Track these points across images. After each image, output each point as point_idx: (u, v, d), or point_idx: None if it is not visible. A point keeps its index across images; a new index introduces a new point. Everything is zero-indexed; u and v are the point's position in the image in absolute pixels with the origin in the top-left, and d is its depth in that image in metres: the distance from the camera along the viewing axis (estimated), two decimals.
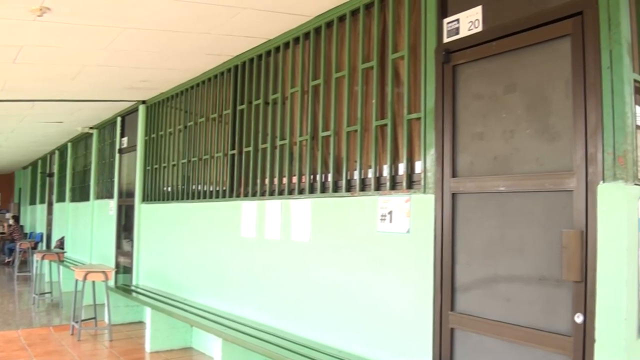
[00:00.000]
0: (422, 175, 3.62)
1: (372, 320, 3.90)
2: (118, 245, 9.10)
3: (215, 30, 4.98)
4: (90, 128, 10.81)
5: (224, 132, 6.13)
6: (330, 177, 4.49)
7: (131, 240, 8.40)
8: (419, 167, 3.73)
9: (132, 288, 7.63)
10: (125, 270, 8.72)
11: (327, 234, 4.40)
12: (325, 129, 4.57)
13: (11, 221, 17.82)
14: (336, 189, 4.41)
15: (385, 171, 3.98)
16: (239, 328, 4.88)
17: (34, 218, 18.38)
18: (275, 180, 5.12)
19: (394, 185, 3.90)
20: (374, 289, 3.91)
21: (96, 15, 4.56)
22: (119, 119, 9.35)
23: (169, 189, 7.42)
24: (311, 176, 4.70)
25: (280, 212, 4.95)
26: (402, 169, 3.84)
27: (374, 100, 4.10)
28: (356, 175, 4.21)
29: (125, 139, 9.18)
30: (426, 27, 3.68)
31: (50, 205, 15.07)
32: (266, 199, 5.19)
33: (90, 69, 6.24)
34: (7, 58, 5.67)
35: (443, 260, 3.43)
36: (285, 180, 5.00)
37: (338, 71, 4.48)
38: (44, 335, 7.00)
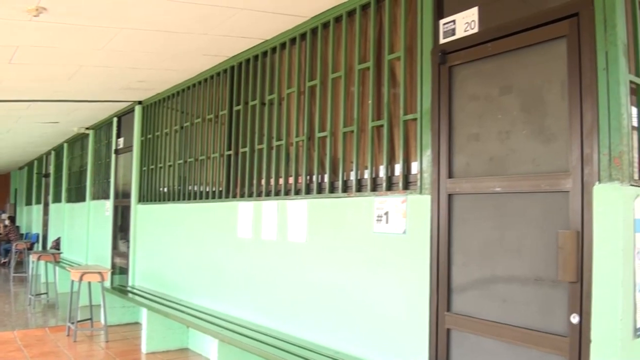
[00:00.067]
0: (419, 176, 3.62)
1: (369, 321, 3.90)
2: (114, 246, 9.08)
3: (212, 30, 4.98)
4: (87, 128, 10.78)
5: (220, 133, 6.12)
6: (326, 178, 4.49)
7: (127, 241, 8.38)
8: (415, 168, 3.73)
9: (128, 289, 7.62)
10: (121, 271, 8.70)
11: (324, 234, 4.40)
12: (322, 130, 4.57)
13: (7, 222, 17.78)
14: (332, 189, 4.41)
15: (382, 172, 3.98)
16: (236, 329, 4.87)
17: (30, 219, 18.33)
18: (272, 181, 5.12)
19: (390, 186, 3.90)
20: (370, 289, 3.91)
21: (93, 16, 4.55)
22: (115, 120, 9.33)
23: (165, 189, 7.41)
24: (307, 177, 4.70)
25: (276, 213, 4.95)
26: (399, 169, 3.84)
27: (370, 101, 4.10)
28: (352, 176, 4.21)
29: (121, 140, 9.17)
30: (422, 28, 3.69)
31: (46, 205, 15.03)
32: (262, 200, 5.18)
33: (87, 70, 6.23)
34: (3, 58, 5.65)
35: (439, 261, 3.43)
36: (281, 180, 5.00)
37: (334, 72, 4.48)
38: (40, 336, 6.98)
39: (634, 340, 2.61)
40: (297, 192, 4.78)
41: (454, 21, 3.48)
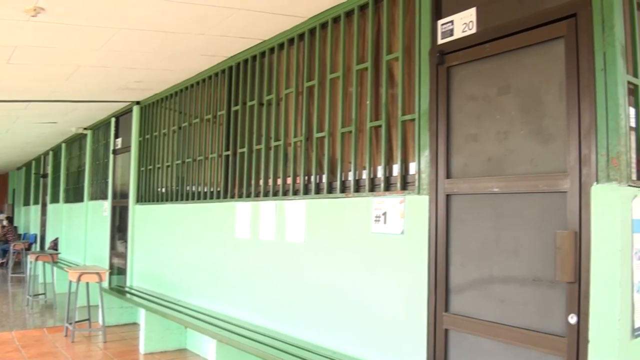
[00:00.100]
0: (417, 176, 3.62)
1: (367, 321, 3.90)
2: (112, 247, 9.07)
3: (209, 31, 4.97)
4: (85, 129, 10.77)
5: (219, 133, 6.12)
6: (324, 178, 4.49)
7: (125, 242, 8.37)
8: (413, 168, 3.73)
9: (126, 289, 7.61)
10: (119, 271, 8.69)
11: (322, 235, 4.40)
12: (320, 130, 4.57)
13: (5, 222, 17.73)
14: (330, 190, 4.41)
15: (380, 172, 3.98)
16: (234, 329, 4.87)
17: (28, 219, 18.31)
18: (270, 181, 5.12)
19: (388, 186, 3.90)
20: (369, 290, 3.91)
21: (90, 16, 4.54)
22: (113, 120, 9.32)
23: (163, 190, 7.40)
24: (305, 177, 4.69)
25: (274, 213, 4.95)
26: (397, 170, 3.84)
27: (369, 102, 4.10)
28: (350, 176, 4.21)
29: (119, 140, 9.16)
30: (420, 29, 3.69)
31: (44, 206, 15.02)
32: (260, 200, 5.18)
33: (85, 70, 6.22)
34: (1, 58, 5.64)
35: (437, 261, 3.43)
36: (279, 181, 4.99)
37: (332, 72, 4.48)
38: (38, 337, 6.97)
39: (631, 341, 2.61)
40: (295, 193, 4.77)
41: (452, 22, 3.48)
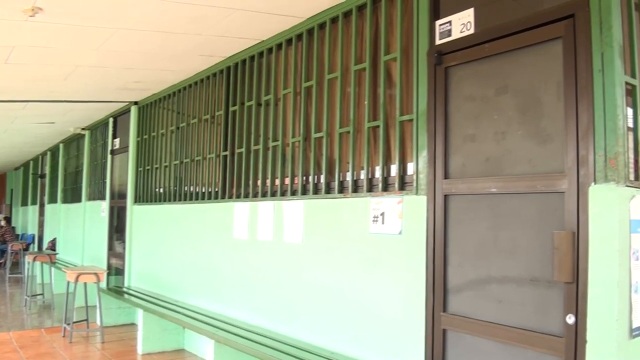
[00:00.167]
0: (414, 176, 3.62)
1: (365, 322, 3.90)
2: (110, 247, 9.06)
3: (207, 31, 4.97)
4: (82, 129, 10.76)
5: (217, 133, 6.11)
6: (322, 179, 4.48)
7: (123, 242, 8.36)
8: (411, 169, 3.73)
9: (124, 290, 7.60)
10: (117, 271, 8.68)
11: (320, 235, 4.40)
12: (318, 131, 4.57)
13: (3, 222, 17.69)
14: (328, 190, 4.41)
15: (378, 173, 3.98)
16: (232, 330, 4.87)
17: (26, 219, 18.29)
18: (268, 182, 5.12)
19: (386, 186, 3.90)
20: (366, 290, 3.91)
21: (88, 16, 4.54)
22: (111, 120, 9.31)
23: (161, 190, 7.39)
24: (303, 177, 4.69)
25: (272, 214, 4.94)
26: (395, 170, 3.84)
27: (367, 102, 4.10)
28: (348, 176, 4.21)
29: (117, 140, 9.15)
30: (418, 29, 3.69)
31: (42, 206, 15.00)
32: (259, 200, 5.18)
33: (83, 70, 6.22)
34: None
35: (435, 261, 3.43)
36: (277, 181, 4.99)
37: (330, 73, 4.48)
38: (36, 338, 6.96)
39: (629, 341, 2.61)
40: (294, 193, 4.77)
41: (450, 22, 3.48)
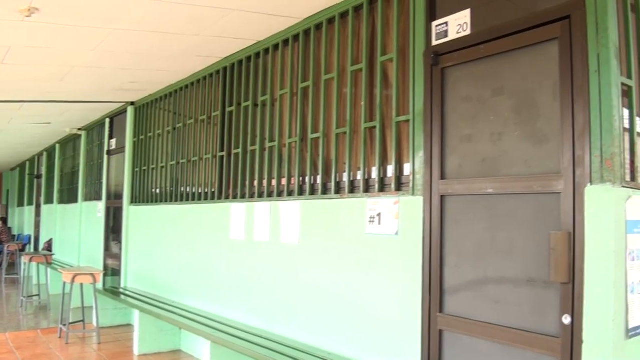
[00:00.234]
0: (411, 177, 3.62)
1: (361, 322, 3.90)
2: (106, 248, 9.04)
3: (204, 31, 4.97)
4: (79, 129, 10.73)
5: (213, 134, 6.11)
6: (319, 179, 4.48)
7: (119, 243, 8.35)
8: (407, 169, 3.74)
9: (121, 290, 7.59)
10: (113, 272, 8.67)
11: (316, 236, 4.39)
12: (315, 131, 4.57)
13: None
14: (325, 191, 4.41)
15: (374, 173, 3.98)
16: (228, 330, 4.86)
17: (22, 220, 18.23)
18: (265, 182, 5.11)
19: (383, 187, 3.90)
20: (363, 290, 3.91)
21: (85, 17, 4.53)
22: (107, 121, 9.30)
23: (158, 191, 7.38)
24: (300, 178, 4.69)
25: (269, 214, 4.94)
26: (391, 171, 3.84)
27: (363, 103, 4.10)
28: (345, 177, 4.21)
29: (113, 141, 9.13)
30: (415, 30, 3.69)
31: (39, 207, 14.95)
32: (255, 201, 5.17)
33: (79, 70, 6.21)
34: None
35: (432, 262, 3.43)
36: (274, 182, 4.99)
37: (327, 73, 4.48)
38: (32, 339, 6.94)
39: (625, 341, 2.61)
40: (290, 194, 4.77)
41: (446, 23, 3.48)
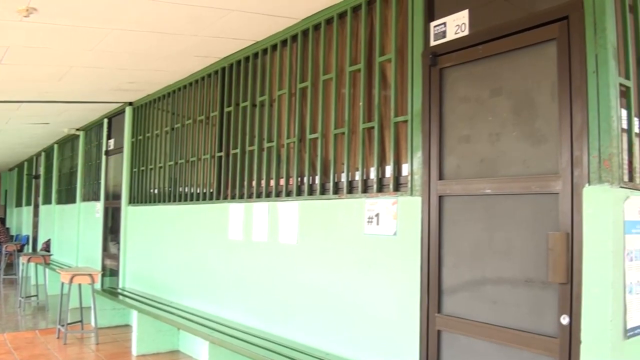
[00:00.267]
0: (409, 177, 3.62)
1: (359, 323, 3.90)
2: (104, 248, 9.03)
3: (202, 32, 4.96)
4: (77, 130, 10.73)
5: (211, 134, 6.10)
6: (317, 180, 4.48)
7: (118, 243, 8.34)
8: (405, 170, 3.74)
9: (119, 291, 7.58)
10: (111, 273, 8.66)
11: (315, 236, 4.39)
12: (313, 132, 4.56)
13: None
14: (323, 191, 4.41)
15: (373, 174, 3.98)
16: (226, 331, 4.86)
17: (20, 220, 18.22)
18: (263, 183, 5.11)
19: (381, 187, 3.90)
20: (361, 291, 3.91)
21: (83, 17, 4.53)
22: (105, 121, 9.29)
23: (156, 191, 7.38)
24: (298, 178, 4.69)
25: (267, 215, 4.94)
26: (389, 171, 3.85)
27: (361, 103, 4.10)
28: (343, 177, 4.21)
29: (111, 141, 9.12)
30: (413, 31, 3.69)
31: (37, 207, 14.94)
32: (253, 201, 5.17)
33: (77, 70, 6.20)
34: None
35: (430, 262, 3.43)
36: (272, 182, 4.99)
37: (325, 74, 4.48)
38: (30, 339, 6.93)
39: (623, 341, 2.62)
40: (288, 194, 4.77)
41: (444, 24, 3.49)
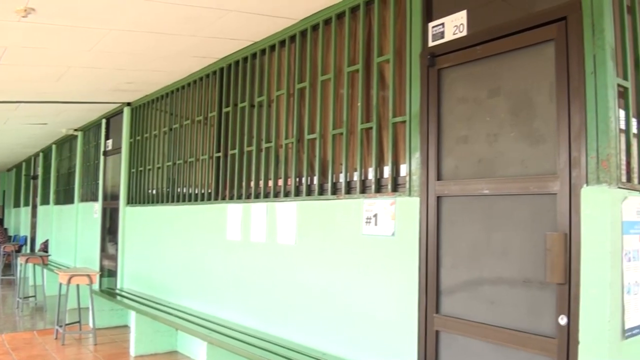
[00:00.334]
0: (407, 178, 3.62)
1: (358, 323, 3.90)
2: (102, 249, 9.03)
3: (200, 32, 4.96)
4: (75, 130, 10.72)
5: (210, 135, 6.10)
6: (315, 180, 4.48)
7: (116, 244, 8.33)
8: (404, 170, 3.74)
9: (117, 291, 7.57)
10: (109, 273, 8.65)
11: (313, 236, 4.39)
12: (311, 132, 4.56)
13: None
14: (322, 191, 4.41)
15: (371, 174, 3.98)
16: (224, 331, 4.85)
17: (18, 221, 18.20)
18: (261, 183, 5.11)
19: (379, 188, 3.90)
20: (360, 291, 3.91)
21: (81, 17, 4.52)
22: (103, 121, 9.28)
23: (154, 191, 7.37)
24: (297, 179, 4.69)
25: (265, 215, 4.94)
26: (388, 172, 3.85)
27: (360, 104, 4.10)
28: (342, 178, 4.21)
29: (110, 141, 9.12)
30: (411, 31, 3.69)
31: (35, 208, 14.92)
32: (252, 202, 5.17)
33: (75, 71, 6.20)
34: None
35: (428, 263, 3.43)
36: (270, 183, 4.99)
37: (324, 74, 4.48)
38: (28, 340, 6.92)
39: (621, 342, 2.62)
40: (287, 194, 4.77)
41: (442, 24, 3.49)
